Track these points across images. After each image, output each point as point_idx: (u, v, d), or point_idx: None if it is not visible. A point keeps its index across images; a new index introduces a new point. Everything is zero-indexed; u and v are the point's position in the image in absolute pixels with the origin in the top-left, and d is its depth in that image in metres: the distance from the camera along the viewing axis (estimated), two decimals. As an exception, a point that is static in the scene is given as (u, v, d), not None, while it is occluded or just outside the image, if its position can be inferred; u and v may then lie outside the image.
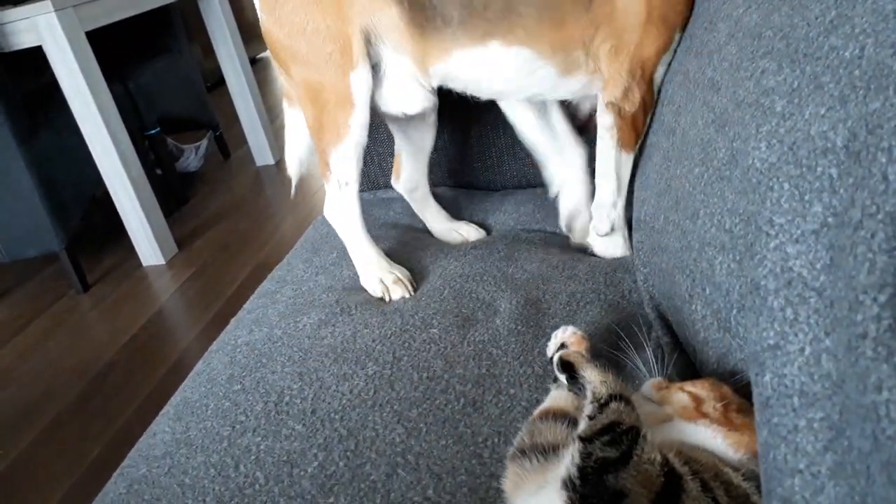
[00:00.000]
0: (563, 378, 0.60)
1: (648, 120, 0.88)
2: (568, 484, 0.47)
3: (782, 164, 0.48)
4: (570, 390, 0.61)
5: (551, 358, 0.68)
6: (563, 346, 0.68)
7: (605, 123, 0.88)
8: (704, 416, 0.54)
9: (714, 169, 0.60)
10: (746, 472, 0.49)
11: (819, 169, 0.44)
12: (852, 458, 0.36)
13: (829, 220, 0.42)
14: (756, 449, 0.50)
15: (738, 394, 0.55)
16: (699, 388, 0.56)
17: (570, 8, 0.80)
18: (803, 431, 0.40)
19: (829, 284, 0.41)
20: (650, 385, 0.59)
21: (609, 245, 0.97)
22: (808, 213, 0.44)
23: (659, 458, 0.47)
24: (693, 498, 0.45)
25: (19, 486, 1.47)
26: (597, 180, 0.94)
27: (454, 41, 0.84)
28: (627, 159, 0.91)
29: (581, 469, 0.47)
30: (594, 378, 0.56)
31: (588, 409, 0.54)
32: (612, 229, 0.95)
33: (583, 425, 0.51)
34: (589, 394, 0.55)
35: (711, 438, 0.52)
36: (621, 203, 0.94)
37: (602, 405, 0.53)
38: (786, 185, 0.47)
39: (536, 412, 0.63)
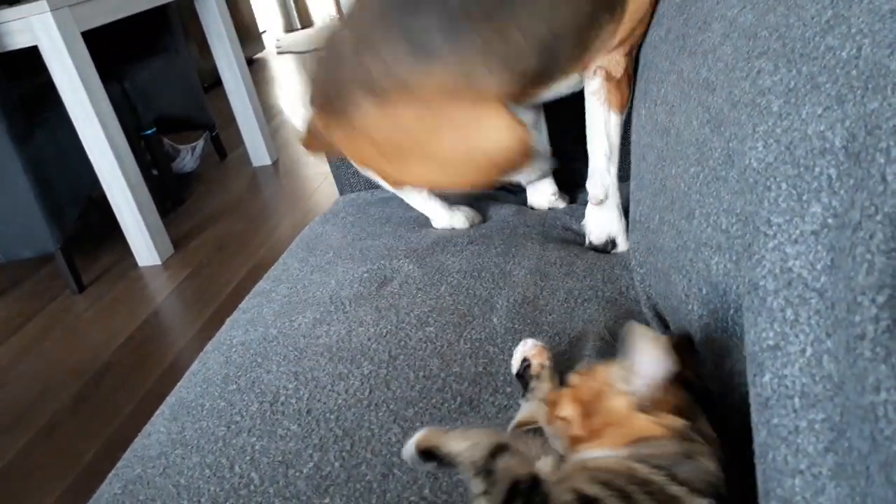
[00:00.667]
0: (427, 467, 0.56)
1: (632, 89, 0.95)
2: None
3: (779, 163, 0.48)
4: (438, 471, 0.57)
5: (516, 374, 0.67)
6: (525, 360, 0.66)
7: (592, 87, 0.94)
8: (579, 440, 0.51)
9: (709, 169, 0.60)
10: (650, 462, 0.47)
11: (817, 169, 0.44)
12: (853, 458, 0.36)
13: (829, 220, 0.42)
14: (628, 435, 0.49)
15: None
16: (564, 405, 0.53)
17: (611, 31, 0.89)
18: (804, 432, 0.40)
19: (830, 285, 0.41)
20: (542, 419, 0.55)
21: (603, 219, 0.98)
22: (807, 214, 0.44)
23: (570, 496, 0.45)
24: None
25: (15, 486, 1.46)
26: (589, 148, 0.97)
27: (558, 82, 0.94)
28: (617, 120, 0.95)
29: None
30: (461, 447, 0.53)
31: (476, 485, 0.50)
32: (607, 196, 0.97)
33: (545, 464, 0.48)
34: (466, 468, 0.51)
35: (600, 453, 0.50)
36: (614, 169, 0.97)
37: (489, 472, 0.50)
38: (783, 185, 0.47)
39: (509, 428, 0.62)
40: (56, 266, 2.25)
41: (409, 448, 0.57)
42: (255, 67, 5.50)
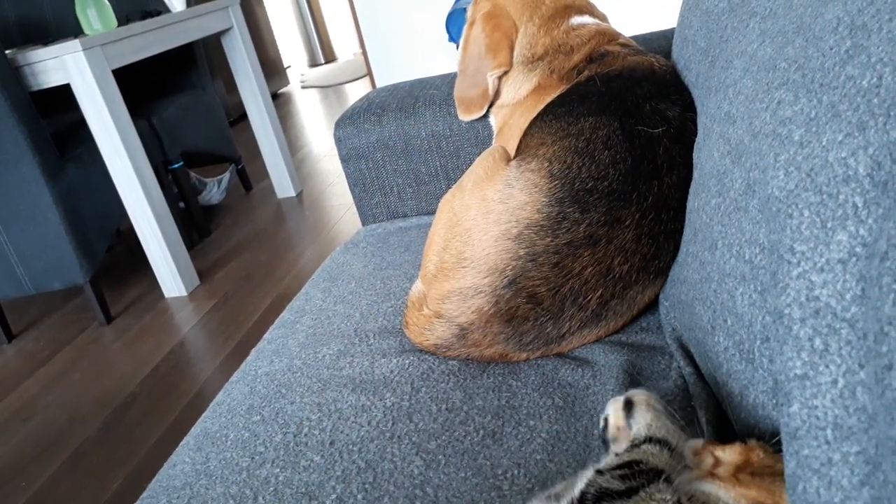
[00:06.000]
0: (621, 416, 0.57)
1: None
2: None
3: (801, 190, 0.48)
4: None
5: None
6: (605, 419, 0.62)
7: None
8: (714, 476, 0.52)
9: (730, 200, 0.60)
10: None
11: (841, 196, 0.44)
12: (888, 492, 0.35)
13: (858, 249, 0.42)
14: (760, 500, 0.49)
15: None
16: (727, 452, 0.53)
17: None
18: (838, 465, 0.39)
19: (861, 316, 0.40)
20: (688, 450, 0.55)
21: None
22: (832, 242, 0.44)
23: (672, 499, 0.46)
24: None
25: (40, 517, 1.47)
26: None
27: None
28: None
29: (582, 494, 0.48)
30: (642, 420, 0.55)
31: (621, 446, 0.53)
32: None
33: (607, 460, 0.51)
34: (632, 435, 0.54)
35: (721, 494, 0.51)
36: None
37: (634, 445, 0.53)
38: (805, 213, 0.47)
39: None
40: (85, 298, 2.28)
41: (623, 398, 0.58)
42: (279, 101, 5.61)
